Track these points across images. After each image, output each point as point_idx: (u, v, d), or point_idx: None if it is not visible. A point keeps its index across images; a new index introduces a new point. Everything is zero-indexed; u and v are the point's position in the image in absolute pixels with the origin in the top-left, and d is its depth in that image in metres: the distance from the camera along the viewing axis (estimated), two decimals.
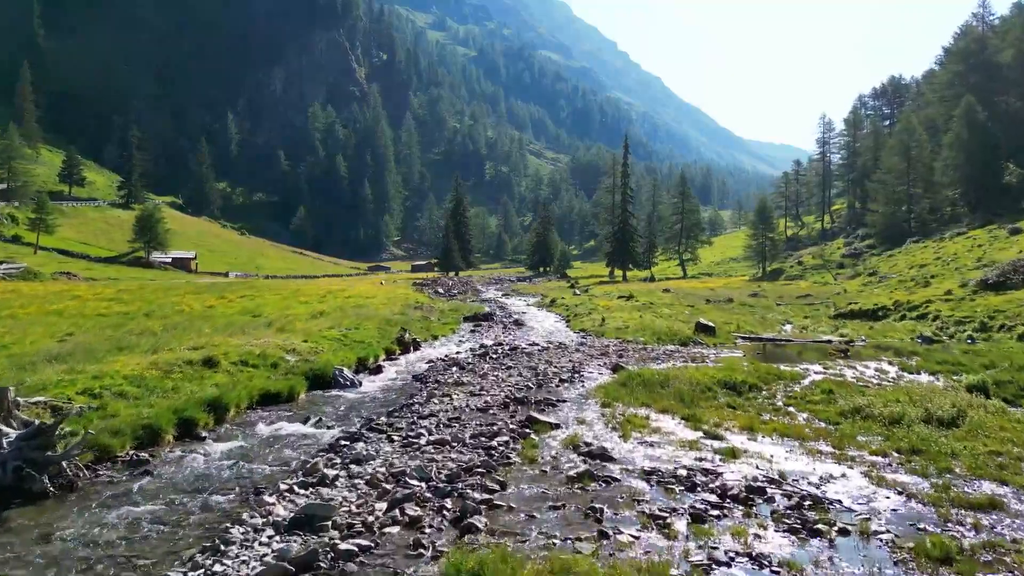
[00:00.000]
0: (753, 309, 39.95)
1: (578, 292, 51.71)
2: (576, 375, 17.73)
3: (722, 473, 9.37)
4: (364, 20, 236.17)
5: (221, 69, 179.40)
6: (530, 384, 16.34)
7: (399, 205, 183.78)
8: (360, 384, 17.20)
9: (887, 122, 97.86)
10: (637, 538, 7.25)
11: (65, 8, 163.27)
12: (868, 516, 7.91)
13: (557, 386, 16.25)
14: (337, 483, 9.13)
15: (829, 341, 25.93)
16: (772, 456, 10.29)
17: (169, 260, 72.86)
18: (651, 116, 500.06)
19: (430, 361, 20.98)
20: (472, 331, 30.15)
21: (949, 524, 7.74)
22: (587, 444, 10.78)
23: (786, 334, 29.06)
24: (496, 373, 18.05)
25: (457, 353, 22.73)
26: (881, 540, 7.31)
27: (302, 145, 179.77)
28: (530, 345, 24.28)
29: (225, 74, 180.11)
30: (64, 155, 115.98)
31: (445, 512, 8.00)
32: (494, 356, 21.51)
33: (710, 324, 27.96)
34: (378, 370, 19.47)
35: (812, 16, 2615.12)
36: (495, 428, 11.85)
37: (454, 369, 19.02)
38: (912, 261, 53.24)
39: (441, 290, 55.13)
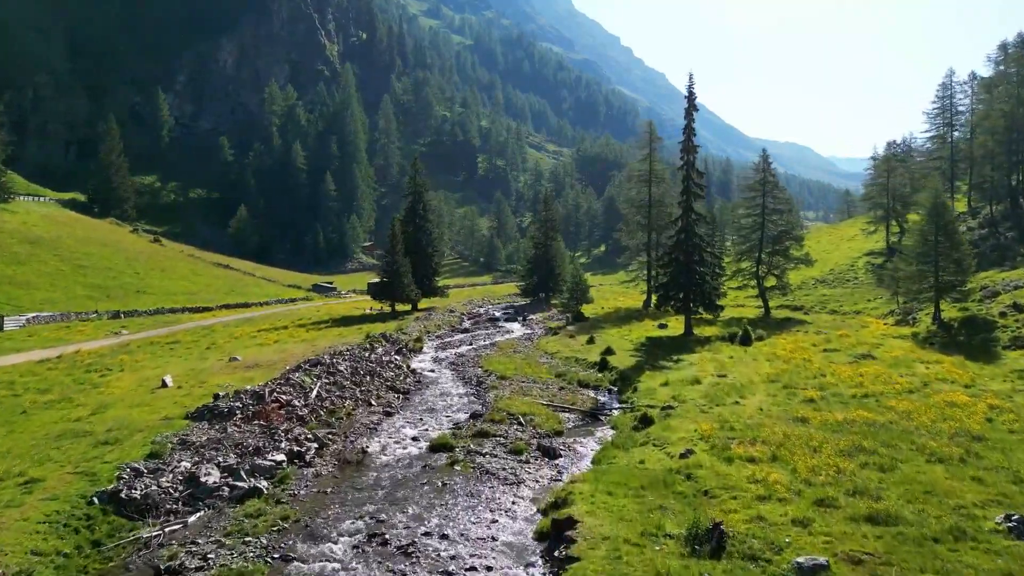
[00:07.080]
0: None
1: None
2: None
3: None
4: None
5: (155, 39, 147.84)
6: None
7: (371, 204, 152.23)
8: None
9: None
10: None
11: None
12: None
13: None
14: None
15: None
16: None
17: None
18: (656, 112, 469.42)
19: None
20: None
21: None
22: None
23: None
24: None
25: None
26: None
27: (255, 132, 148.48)
28: None
29: (160, 45, 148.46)
30: None
31: None
32: None
33: None
34: None
35: (815, 14, 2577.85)
36: None
37: None
38: None
39: (236, 451, 19.46)
